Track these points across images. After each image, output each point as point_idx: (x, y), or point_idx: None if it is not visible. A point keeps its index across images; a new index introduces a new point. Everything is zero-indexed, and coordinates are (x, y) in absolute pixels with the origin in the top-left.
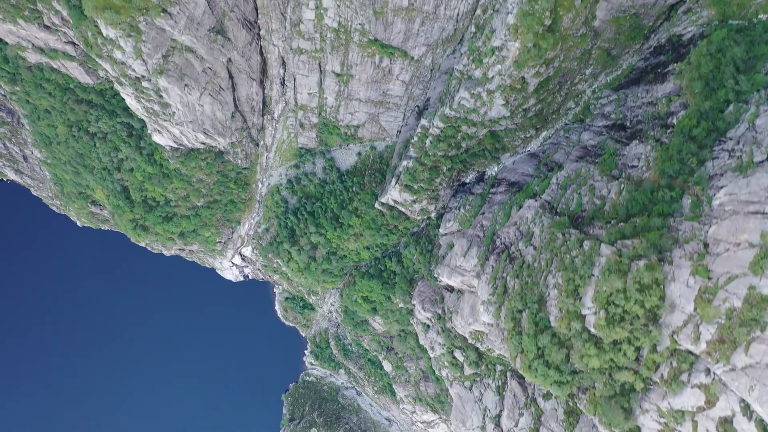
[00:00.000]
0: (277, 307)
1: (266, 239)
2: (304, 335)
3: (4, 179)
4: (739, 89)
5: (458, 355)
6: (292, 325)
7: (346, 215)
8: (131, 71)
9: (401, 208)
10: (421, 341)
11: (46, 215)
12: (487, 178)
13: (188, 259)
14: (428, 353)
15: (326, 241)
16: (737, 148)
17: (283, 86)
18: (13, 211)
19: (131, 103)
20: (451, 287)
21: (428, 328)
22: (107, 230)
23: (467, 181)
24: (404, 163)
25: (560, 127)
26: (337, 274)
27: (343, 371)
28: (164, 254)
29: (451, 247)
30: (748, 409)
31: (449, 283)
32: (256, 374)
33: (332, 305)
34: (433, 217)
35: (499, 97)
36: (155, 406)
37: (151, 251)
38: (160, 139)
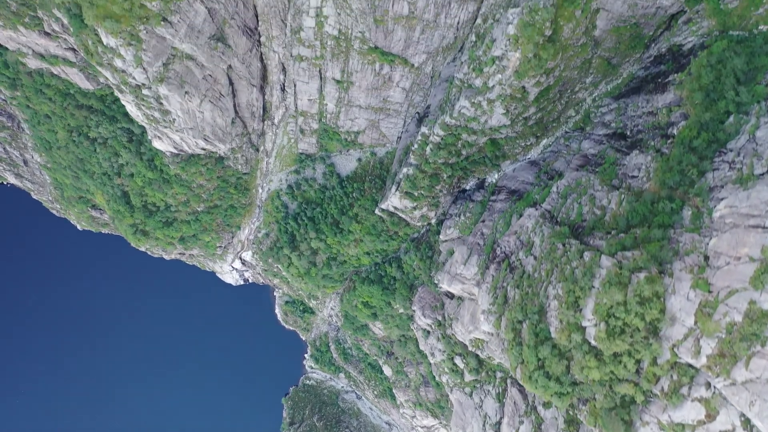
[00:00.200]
0: (277, 310)
1: (266, 244)
2: (304, 339)
3: (4, 183)
4: (739, 100)
5: (458, 361)
6: (292, 328)
7: (346, 221)
8: (131, 79)
9: (401, 214)
10: (421, 347)
11: (46, 218)
12: (487, 185)
13: (188, 263)
14: (428, 359)
15: (326, 246)
16: (737, 160)
17: (283, 92)
18: (13, 213)
19: (131, 110)
20: (451, 294)
21: (428, 334)
22: (107, 233)
23: (467, 187)
24: (404, 170)
25: (560, 135)
26: (337, 279)
27: (343, 375)
28: (164, 258)
29: (451, 253)
30: (748, 423)
31: (449, 290)
32: (256, 378)
33: (332, 309)
34: (433, 223)
35: (499, 106)
36: (155, 409)
37: (151, 255)
38: (160, 145)
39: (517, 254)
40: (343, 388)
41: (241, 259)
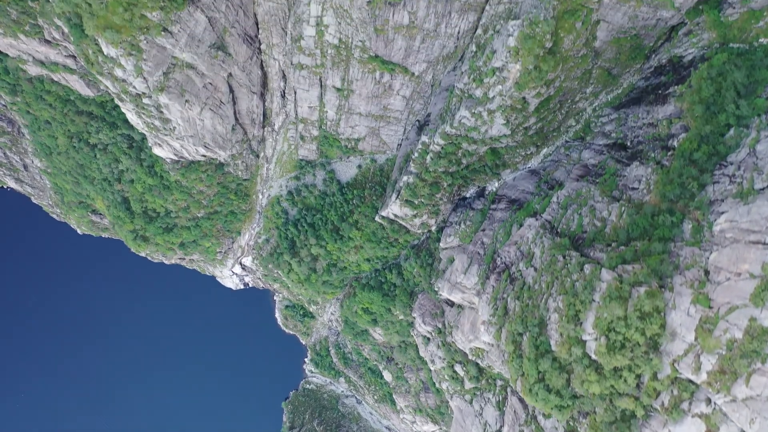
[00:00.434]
0: (277, 314)
1: (266, 250)
2: (304, 343)
3: (4, 187)
4: (739, 114)
5: (458, 369)
6: (292, 332)
7: (346, 228)
8: (132, 88)
9: (401, 222)
10: (421, 353)
11: (47, 221)
12: (487, 193)
13: (188, 267)
14: (428, 365)
15: (326, 252)
16: (738, 173)
17: (283, 99)
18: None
19: (132, 118)
20: (451, 302)
21: (428, 341)
22: (107, 237)
23: (467, 195)
24: (405, 178)
25: (561, 144)
26: (337, 285)
27: (343, 379)
28: (165, 263)
29: (451, 261)
30: None
31: (450, 298)
32: (256, 382)
33: (332, 314)
34: (433, 230)
35: (499, 116)
36: (155, 414)
37: (151, 260)
38: (160, 152)
39: (517, 265)
40: (343, 392)
41: (241, 264)
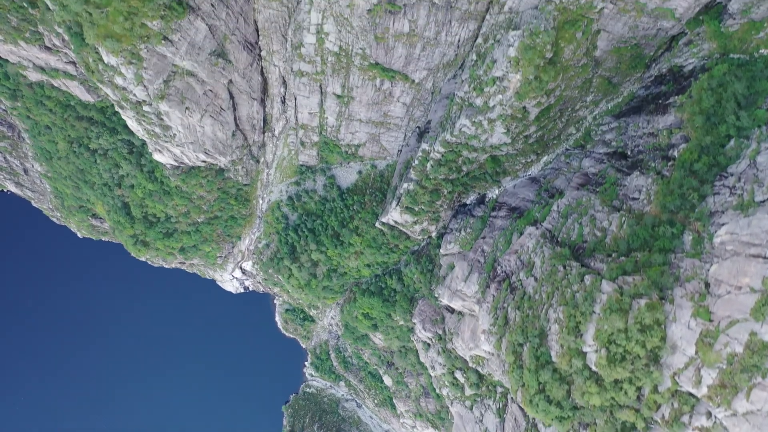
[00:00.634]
0: (277, 318)
1: (267, 255)
2: (304, 347)
3: (4, 190)
4: (740, 125)
5: (459, 375)
6: (292, 336)
7: (346, 233)
8: (132, 96)
9: (402, 228)
10: (421, 359)
11: (47, 224)
12: (487, 200)
13: (189, 271)
14: (429, 371)
15: (327, 258)
16: (738, 185)
17: (283, 104)
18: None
19: (132, 125)
20: (451, 308)
21: (429, 347)
22: (107, 240)
23: (468, 202)
24: (405, 185)
25: (561, 152)
26: (337, 290)
27: (343, 383)
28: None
29: (451, 268)
30: None
31: (450, 305)
32: (256, 385)
33: (333, 319)
34: (434, 236)
35: (500, 125)
36: (155, 417)
37: (151, 265)
38: (160, 157)
39: (517, 274)
40: (343, 396)
41: (241, 268)
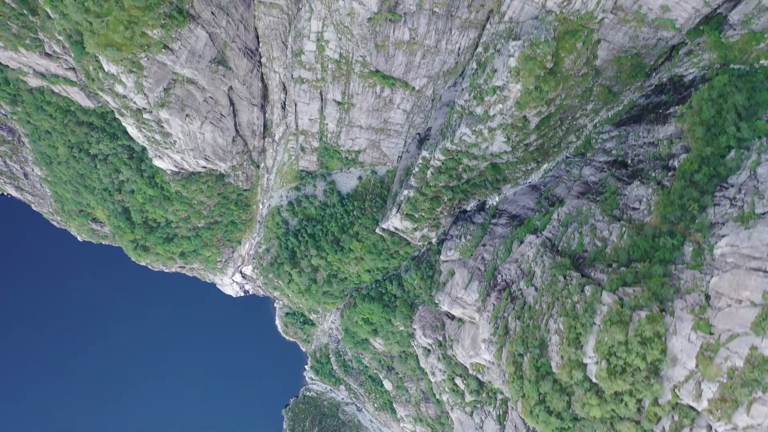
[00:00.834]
0: (277, 321)
1: (267, 259)
2: (304, 350)
3: (4, 194)
4: (740, 136)
5: (459, 382)
6: (292, 339)
7: (346, 239)
8: (132, 104)
9: (402, 234)
10: (421, 364)
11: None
12: (488, 207)
13: (189, 275)
14: (429, 376)
15: (327, 263)
16: (739, 196)
17: (284, 110)
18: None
19: (132, 131)
20: (452, 315)
21: (429, 352)
22: (107, 244)
23: (468, 209)
24: (405, 192)
25: (561, 160)
26: (337, 295)
27: (343, 387)
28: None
29: (452, 274)
30: None
31: (450, 311)
32: (256, 388)
33: (333, 323)
34: (434, 242)
35: (500, 134)
36: (155, 420)
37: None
38: (161, 163)
39: (518, 283)
40: (343, 400)
41: (241, 272)
